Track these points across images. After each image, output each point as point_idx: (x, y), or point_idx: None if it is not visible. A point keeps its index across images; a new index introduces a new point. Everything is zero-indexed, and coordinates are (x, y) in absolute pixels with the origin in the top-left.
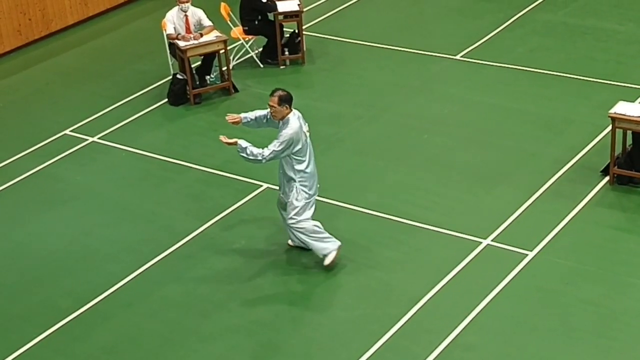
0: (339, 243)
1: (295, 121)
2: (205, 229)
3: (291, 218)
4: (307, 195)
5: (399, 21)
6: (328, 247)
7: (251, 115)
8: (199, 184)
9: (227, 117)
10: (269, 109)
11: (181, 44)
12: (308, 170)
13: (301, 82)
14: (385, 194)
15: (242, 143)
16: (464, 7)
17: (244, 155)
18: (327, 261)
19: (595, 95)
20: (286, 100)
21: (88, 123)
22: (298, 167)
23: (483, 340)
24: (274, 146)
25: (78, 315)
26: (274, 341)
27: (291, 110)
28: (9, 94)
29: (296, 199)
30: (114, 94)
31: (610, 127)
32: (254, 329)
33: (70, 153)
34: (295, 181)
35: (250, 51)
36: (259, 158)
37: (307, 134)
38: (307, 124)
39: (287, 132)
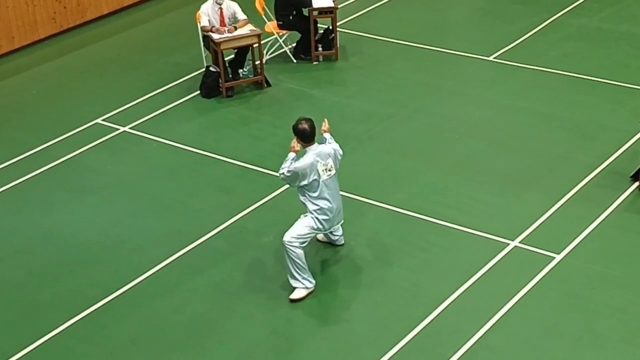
0: (312, 286)
1: (309, 157)
2: (234, 222)
3: (291, 238)
4: (315, 227)
5: (433, 21)
6: (302, 284)
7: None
8: (229, 177)
9: (325, 125)
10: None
11: (215, 36)
12: (319, 205)
13: (334, 78)
14: (415, 193)
15: (291, 154)
16: (498, 9)
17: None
18: (293, 295)
19: (628, 101)
20: (298, 135)
21: (120, 113)
22: (309, 200)
23: (508, 342)
24: (285, 171)
25: (105, 304)
26: (298, 337)
27: (307, 144)
28: (42, 81)
29: (303, 223)
30: (147, 84)
31: None
32: (278, 324)
33: (102, 142)
34: (308, 210)
35: (284, 46)
36: (279, 171)
37: (328, 173)
38: (329, 162)
39: (295, 165)
